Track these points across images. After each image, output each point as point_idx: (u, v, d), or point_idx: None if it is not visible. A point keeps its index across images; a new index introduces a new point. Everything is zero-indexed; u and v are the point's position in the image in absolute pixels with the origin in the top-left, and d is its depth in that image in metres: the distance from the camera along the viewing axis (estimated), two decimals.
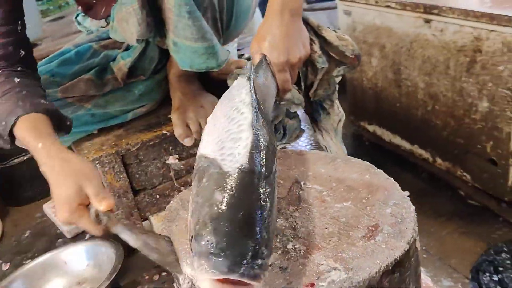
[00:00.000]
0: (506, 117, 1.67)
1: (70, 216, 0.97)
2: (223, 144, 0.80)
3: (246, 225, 0.70)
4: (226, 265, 0.66)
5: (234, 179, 0.74)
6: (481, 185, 1.89)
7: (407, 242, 0.75)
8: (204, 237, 0.69)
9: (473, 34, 1.68)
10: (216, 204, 0.72)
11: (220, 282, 0.67)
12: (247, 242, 0.69)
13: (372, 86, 2.26)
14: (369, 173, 0.94)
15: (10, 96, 1.18)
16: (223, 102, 0.95)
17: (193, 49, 1.32)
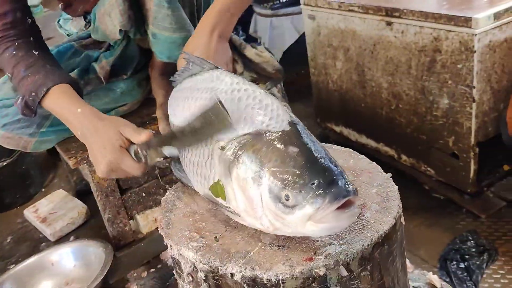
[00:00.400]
0: (466, 112, 1.76)
1: (114, 157, 1.08)
2: (253, 117, 0.84)
3: (328, 158, 0.79)
4: (343, 189, 0.74)
5: (292, 132, 0.81)
6: (445, 179, 1.97)
7: (393, 217, 0.81)
8: (307, 183, 0.75)
9: (433, 35, 1.77)
10: (297, 154, 0.78)
11: (340, 210, 0.73)
12: (337, 169, 0.77)
13: (337, 88, 2.33)
14: (352, 158, 1.00)
15: (36, 69, 1.26)
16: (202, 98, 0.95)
17: (171, 40, 1.35)
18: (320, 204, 0.73)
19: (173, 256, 0.88)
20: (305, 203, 0.74)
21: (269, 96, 0.87)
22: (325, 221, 0.73)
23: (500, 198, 1.92)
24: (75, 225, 1.99)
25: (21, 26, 1.32)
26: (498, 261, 1.66)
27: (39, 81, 1.24)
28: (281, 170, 0.77)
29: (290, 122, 0.82)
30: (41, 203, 2.14)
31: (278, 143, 0.80)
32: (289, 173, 0.76)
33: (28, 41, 1.32)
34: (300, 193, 0.74)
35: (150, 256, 1.68)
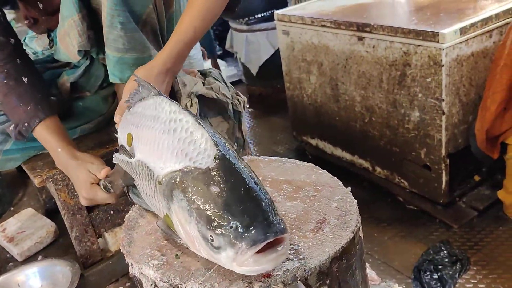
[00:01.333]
0: (436, 125, 1.79)
1: (88, 193, 1.28)
2: (183, 151, 0.84)
3: (251, 195, 0.77)
4: (260, 233, 0.71)
5: (217, 168, 0.80)
6: (418, 190, 2.00)
7: (351, 231, 0.82)
8: (227, 226, 0.73)
9: (403, 50, 1.81)
10: (218, 195, 0.76)
11: (261, 253, 0.72)
12: (262, 208, 0.75)
13: (312, 102, 2.36)
14: (314, 173, 1.01)
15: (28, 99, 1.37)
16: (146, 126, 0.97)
17: (122, 61, 1.36)
18: (238, 249, 0.72)
19: (134, 274, 0.87)
20: (226, 246, 0.73)
21: (200, 128, 0.86)
22: (247, 265, 0.72)
23: (471, 208, 1.95)
24: (43, 244, 1.96)
25: (6, 48, 1.37)
26: (470, 271, 1.68)
27: (31, 113, 1.37)
28: (205, 210, 0.77)
29: (216, 157, 0.81)
30: (9, 222, 2.10)
31: (201, 182, 0.79)
32: (212, 214, 0.76)
33: (16, 66, 1.38)
34: (221, 236, 0.74)
35: (119, 274, 1.66)
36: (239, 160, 0.83)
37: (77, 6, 1.30)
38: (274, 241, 0.72)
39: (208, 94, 1.49)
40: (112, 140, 1.56)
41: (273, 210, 0.76)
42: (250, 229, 0.72)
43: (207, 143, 0.83)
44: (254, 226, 0.72)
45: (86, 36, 1.36)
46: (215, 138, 0.84)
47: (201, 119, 0.93)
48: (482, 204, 1.94)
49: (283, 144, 2.75)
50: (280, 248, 0.72)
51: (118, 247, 1.67)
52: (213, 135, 0.85)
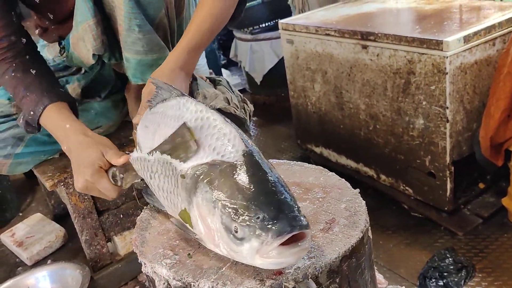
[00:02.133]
0: (441, 132, 1.80)
1: (92, 176, 1.14)
2: (211, 146, 0.86)
3: (278, 190, 0.79)
4: (287, 225, 0.73)
5: (245, 162, 0.82)
6: (423, 198, 2.01)
7: (361, 231, 0.84)
8: (253, 217, 0.75)
9: (407, 58, 1.83)
10: (245, 187, 0.78)
11: (286, 245, 0.73)
12: (288, 202, 0.77)
13: (316, 110, 2.37)
14: (322, 175, 1.03)
15: (34, 88, 1.34)
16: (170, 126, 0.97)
17: (143, 62, 1.38)
18: (264, 239, 0.73)
19: (147, 274, 0.89)
20: (251, 237, 0.74)
21: (228, 125, 0.88)
22: (271, 256, 0.73)
23: (476, 215, 1.95)
24: (52, 249, 1.97)
25: (17, 47, 1.38)
26: (475, 278, 1.68)
27: (36, 100, 1.32)
28: (231, 202, 0.78)
29: (244, 152, 0.83)
30: (18, 227, 2.11)
31: (229, 174, 0.81)
32: (238, 205, 0.77)
33: (25, 60, 1.39)
34: (247, 227, 0.75)
35: (128, 278, 1.67)
36: (263, 158, 0.85)
37: (92, 11, 1.32)
38: (297, 236, 0.74)
39: (227, 109, 1.50)
40: (122, 145, 1.58)
41: (298, 206, 0.78)
42: (276, 221, 0.74)
43: (235, 139, 0.85)
44: (281, 218, 0.74)
45: (100, 40, 1.37)
46: (243, 136, 0.87)
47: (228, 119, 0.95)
48: (486, 211, 1.95)
49: (287, 153, 2.76)
50: (303, 243, 0.74)
51: (127, 251, 1.68)
52: (240, 133, 0.87)
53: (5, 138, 1.49)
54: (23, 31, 1.41)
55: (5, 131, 1.50)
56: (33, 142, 1.51)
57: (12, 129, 1.50)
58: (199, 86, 1.51)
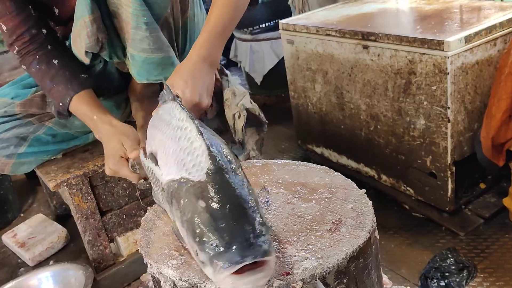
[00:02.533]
0: (442, 132, 1.80)
1: (114, 165, 1.27)
2: (183, 161, 0.85)
3: (237, 213, 0.76)
4: (238, 254, 0.70)
5: (207, 182, 0.80)
6: (424, 198, 2.01)
7: (368, 231, 0.83)
8: (207, 243, 0.73)
9: (408, 58, 1.82)
10: (204, 210, 0.76)
11: (239, 274, 0.70)
12: (244, 228, 0.74)
13: (317, 110, 2.37)
14: (328, 176, 1.02)
15: (59, 80, 1.42)
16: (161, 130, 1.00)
17: (150, 61, 1.38)
18: (215, 268, 0.72)
19: (153, 274, 0.88)
20: (207, 263, 0.73)
21: (200, 139, 0.86)
22: (225, 284, 0.72)
23: (477, 216, 1.95)
24: (54, 250, 1.96)
25: (39, 39, 1.44)
26: (477, 278, 1.68)
27: (63, 92, 1.42)
28: (192, 225, 0.77)
29: (208, 171, 0.81)
30: (19, 228, 2.10)
31: (192, 195, 0.80)
32: (197, 229, 0.76)
33: (47, 51, 1.45)
34: (203, 252, 0.74)
35: (131, 279, 1.67)
36: (234, 175, 0.82)
37: (89, 8, 1.31)
38: (258, 262, 0.71)
39: (253, 110, 1.51)
40: None
41: (259, 231, 0.74)
42: (228, 249, 0.71)
43: (203, 155, 0.84)
44: (233, 247, 0.71)
45: (95, 38, 1.36)
46: (214, 149, 0.84)
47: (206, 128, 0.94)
48: (488, 211, 1.95)
49: (288, 153, 2.76)
50: (259, 272, 0.71)
51: (130, 252, 1.68)
52: (212, 147, 0.85)
53: (8, 138, 1.48)
54: (42, 22, 1.45)
55: (8, 130, 1.49)
56: (36, 142, 1.51)
57: (16, 129, 1.50)
58: (230, 82, 1.51)
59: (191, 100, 1.18)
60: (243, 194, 0.79)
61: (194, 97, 1.18)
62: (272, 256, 0.72)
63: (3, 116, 1.51)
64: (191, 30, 1.53)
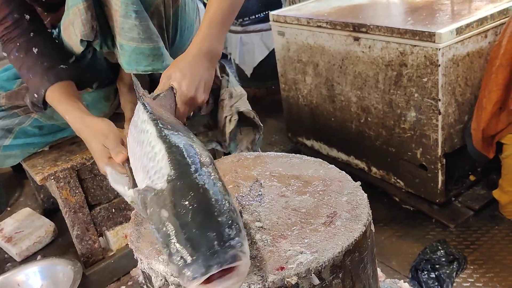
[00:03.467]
0: (433, 124, 1.80)
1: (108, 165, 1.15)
2: (146, 168, 0.82)
3: (200, 220, 0.72)
4: (202, 265, 0.67)
5: (168, 190, 0.76)
6: (414, 190, 2.01)
7: (363, 225, 0.82)
8: (174, 255, 0.71)
9: (399, 50, 1.82)
10: (166, 220, 0.73)
11: (207, 283, 0.68)
12: (208, 235, 0.70)
13: (307, 102, 2.36)
14: (322, 168, 1.01)
15: (35, 70, 1.37)
16: (131, 132, 0.97)
17: (139, 51, 1.35)
18: (183, 280, 0.69)
19: (143, 270, 0.86)
20: (176, 274, 0.71)
21: (159, 142, 0.83)
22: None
23: (467, 208, 1.96)
24: (42, 244, 1.93)
25: (21, 25, 1.39)
26: (467, 270, 1.69)
27: (38, 83, 1.36)
28: (159, 236, 0.74)
29: (168, 178, 0.77)
30: (6, 222, 2.07)
31: (155, 204, 0.76)
32: (164, 240, 0.73)
33: (28, 39, 1.40)
34: (172, 263, 0.72)
35: (120, 273, 1.64)
36: (200, 177, 0.78)
37: None
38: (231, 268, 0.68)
39: (248, 113, 1.47)
40: None
41: (227, 235, 0.71)
42: (193, 261, 0.69)
43: (163, 160, 0.80)
44: (197, 258, 0.68)
45: (90, 26, 1.33)
46: (176, 154, 0.81)
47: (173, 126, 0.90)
48: (477, 203, 1.96)
49: (278, 145, 2.75)
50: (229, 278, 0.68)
51: (120, 246, 1.66)
52: (173, 151, 0.81)
53: None
54: (25, 6, 1.40)
55: None
56: (22, 134, 1.48)
57: (1, 121, 1.47)
58: (230, 83, 1.48)
59: (187, 93, 1.16)
60: (209, 197, 0.75)
61: (190, 91, 1.16)
62: (242, 260, 0.69)
63: None
64: (182, 20, 1.51)
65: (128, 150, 0.99)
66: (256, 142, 1.54)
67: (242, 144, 1.48)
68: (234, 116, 1.44)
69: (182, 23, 1.51)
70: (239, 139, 1.47)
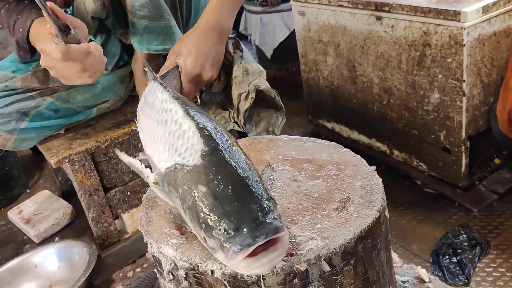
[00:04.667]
0: (457, 106, 1.76)
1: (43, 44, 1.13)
2: (174, 146, 0.81)
3: (241, 193, 0.72)
4: (249, 236, 0.66)
5: (204, 165, 0.75)
6: (437, 173, 1.97)
7: (377, 210, 0.79)
8: (215, 229, 0.69)
9: (422, 29, 1.77)
10: (205, 195, 0.72)
11: (252, 257, 0.67)
12: (251, 207, 0.70)
13: (328, 84, 2.33)
14: (336, 152, 0.98)
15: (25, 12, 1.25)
16: (146, 114, 0.95)
17: (149, 29, 1.33)
18: (227, 253, 0.68)
19: (153, 254, 0.86)
20: (218, 249, 0.69)
21: (187, 119, 0.82)
22: (240, 268, 0.68)
23: (491, 192, 1.92)
24: (60, 226, 1.95)
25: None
26: (490, 255, 1.66)
27: (25, 19, 1.24)
28: (195, 212, 0.73)
29: (203, 153, 0.76)
30: (25, 204, 2.09)
31: (190, 181, 0.75)
32: (201, 216, 0.72)
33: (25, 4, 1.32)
34: (212, 238, 0.70)
35: (135, 256, 1.65)
36: (231, 153, 0.77)
37: None
38: (272, 240, 0.67)
39: (268, 92, 1.41)
40: (128, 120, 1.55)
41: (266, 207, 0.70)
42: (237, 233, 0.67)
43: (194, 137, 0.79)
44: (242, 229, 0.67)
45: (100, 2, 1.31)
46: (206, 130, 0.80)
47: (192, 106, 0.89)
48: (502, 187, 1.91)
49: (298, 128, 2.72)
50: (273, 251, 0.67)
51: (135, 229, 1.66)
52: (202, 128, 0.80)
53: (9, 113, 1.45)
54: None
55: (9, 105, 1.46)
56: (38, 117, 1.48)
57: (17, 103, 1.47)
58: (244, 59, 1.44)
59: (191, 71, 1.14)
60: (244, 171, 0.75)
61: (195, 69, 1.14)
62: (284, 231, 0.68)
63: (3, 90, 1.48)
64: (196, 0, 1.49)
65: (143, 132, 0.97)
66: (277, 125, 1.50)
67: (259, 127, 1.44)
68: (251, 94, 1.39)
69: (196, 3, 1.49)
70: (255, 121, 1.43)
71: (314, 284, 0.74)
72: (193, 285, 0.80)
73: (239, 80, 1.40)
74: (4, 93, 1.48)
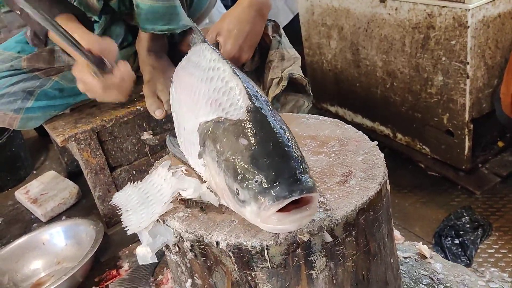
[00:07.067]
0: (460, 89, 1.75)
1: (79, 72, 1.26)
2: (218, 101, 0.83)
3: (281, 150, 0.73)
4: (285, 189, 0.68)
5: (248, 120, 0.77)
6: (440, 156, 1.97)
7: (379, 184, 0.81)
8: (252, 180, 0.71)
9: (426, 11, 1.76)
10: (246, 148, 0.74)
11: (285, 212, 0.69)
12: (290, 164, 0.71)
13: (332, 67, 2.32)
14: (339, 128, 0.99)
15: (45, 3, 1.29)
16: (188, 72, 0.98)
17: (154, 9, 1.33)
18: (261, 204, 0.69)
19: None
20: (251, 201, 0.71)
21: (235, 78, 0.85)
22: (270, 222, 0.69)
23: (494, 174, 1.92)
24: (66, 206, 1.98)
25: None
26: (492, 236, 1.67)
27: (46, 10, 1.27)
28: (232, 163, 0.74)
29: (248, 109, 0.79)
30: (32, 184, 2.12)
31: (231, 133, 0.77)
32: (238, 167, 0.73)
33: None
34: (246, 189, 0.71)
35: None
36: (272, 114, 0.80)
37: None
38: (302, 201, 0.69)
39: (301, 80, 1.41)
40: (132, 100, 1.56)
41: (303, 168, 0.72)
42: (275, 185, 0.69)
43: (240, 94, 0.81)
44: (279, 182, 0.69)
45: None
46: (250, 89, 0.82)
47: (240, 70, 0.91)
48: (505, 170, 1.91)
49: None
50: (305, 211, 0.69)
51: None
52: (248, 87, 0.83)
53: (15, 92, 1.47)
54: None
55: (15, 84, 1.47)
56: (43, 96, 1.49)
57: (22, 83, 1.48)
58: (281, 44, 1.44)
59: (230, 52, 1.17)
60: (285, 132, 0.77)
61: (234, 50, 1.17)
62: (317, 193, 0.70)
63: (9, 70, 1.49)
64: None
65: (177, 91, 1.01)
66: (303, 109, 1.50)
67: (285, 109, 1.44)
68: (283, 81, 1.38)
69: None
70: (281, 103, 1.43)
71: (316, 255, 0.76)
72: (198, 257, 0.82)
73: (273, 65, 1.40)
74: (10, 72, 1.49)
